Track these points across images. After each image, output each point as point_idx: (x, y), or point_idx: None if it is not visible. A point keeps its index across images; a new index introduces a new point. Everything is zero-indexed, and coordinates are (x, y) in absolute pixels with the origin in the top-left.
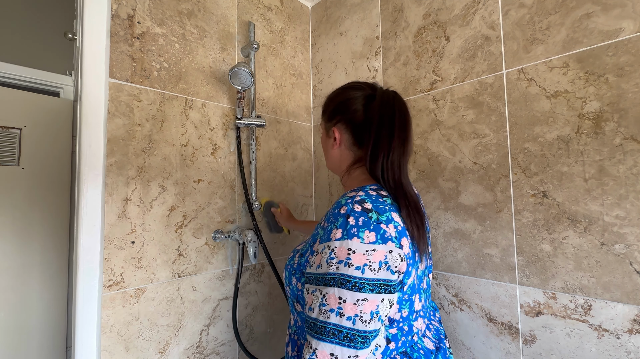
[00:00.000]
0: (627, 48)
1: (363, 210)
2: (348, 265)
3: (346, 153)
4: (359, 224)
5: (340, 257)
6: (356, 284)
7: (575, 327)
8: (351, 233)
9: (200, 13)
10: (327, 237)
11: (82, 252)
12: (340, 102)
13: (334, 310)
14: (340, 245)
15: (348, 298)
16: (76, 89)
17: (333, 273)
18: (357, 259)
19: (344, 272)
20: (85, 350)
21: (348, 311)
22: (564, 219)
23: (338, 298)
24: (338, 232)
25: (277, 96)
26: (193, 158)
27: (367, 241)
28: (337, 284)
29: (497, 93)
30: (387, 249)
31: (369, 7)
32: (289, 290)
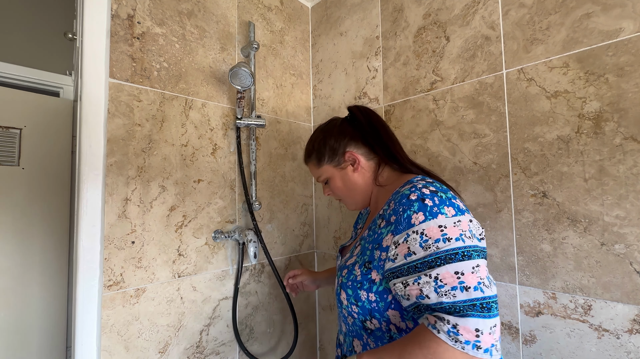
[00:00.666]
0: (627, 48)
1: (432, 192)
2: (447, 239)
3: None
4: (437, 203)
5: (434, 237)
6: (465, 253)
7: (575, 327)
8: (434, 212)
9: (200, 13)
10: (406, 225)
11: (82, 252)
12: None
13: (456, 287)
14: (428, 226)
15: (464, 269)
16: (76, 89)
17: (435, 253)
18: (451, 232)
19: (447, 247)
20: (85, 350)
21: (471, 282)
22: (564, 219)
23: (454, 273)
24: (420, 215)
25: (277, 96)
26: (193, 158)
27: (450, 214)
28: (445, 261)
29: (497, 93)
30: (467, 219)
31: (369, 7)
32: (356, 310)
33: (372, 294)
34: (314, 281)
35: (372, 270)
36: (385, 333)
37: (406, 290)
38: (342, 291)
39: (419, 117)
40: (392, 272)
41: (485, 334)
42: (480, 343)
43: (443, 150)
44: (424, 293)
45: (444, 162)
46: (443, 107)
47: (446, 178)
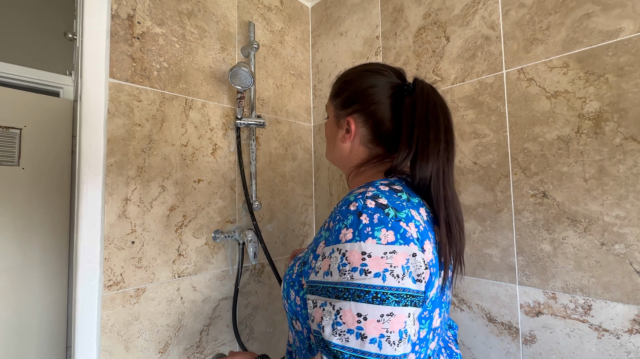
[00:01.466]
0: (627, 48)
1: (377, 206)
2: (364, 272)
3: (359, 149)
4: (374, 222)
5: (353, 263)
6: (377, 295)
7: (575, 327)
8: (364, 234)
9: (200, 13)
10: (335, 239)
11: (82, 252)
12: (360, 89)
13: (352, 331)
14: (352, 248)
15: (369, 314)
16: (76, 89)
17: (346, 282)
18: (374, 264)
19: (361, 281)
20: (85, 350)
21: (371, 331)
22: (564, 219)
23: (356, 314)
24: (348, 233)
25: (277, 96)
26: (193, 158)
27: (385, 241)
28: (353, 297)
29: (497, 93)
30: (409, 251)
31: (369, 7)
32: (286, 305)
33: (299, 298)
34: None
35: (303, 274)
36: (306, 339)
37: (312, 311)
38: (284, 281)
39: None
40: (311, 285)
41: None
42: None
43: None
44: (322, 322)
45: None
46: None
47: None
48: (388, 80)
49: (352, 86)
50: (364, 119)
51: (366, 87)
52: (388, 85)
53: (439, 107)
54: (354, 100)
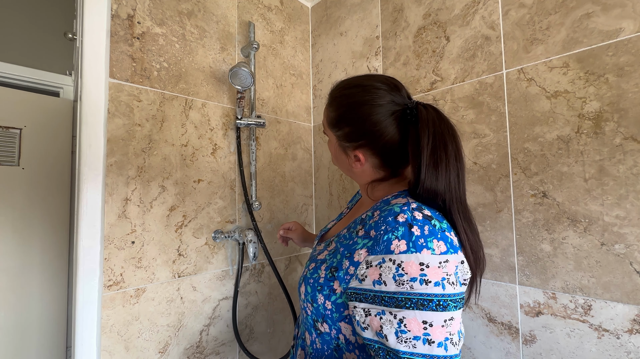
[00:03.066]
0: (627, 48)
1: (425, 218)
2: (425, 282)
3: (370, 171)
4: (425, 233)
5: (412, 274)
6: (440, 303)
7: (575, 327)
8: (419, 245)
9: (200, 13)
10: (385, 249)
11: (82, 252)
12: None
13: (419, 338)
14: (408, 259)
15: (435, 321)
16: (76, 89)
17: (408, 293)
18: (433, 274)
19: (424, 291)
20: (85, 350)
21: (437, 336)
22: (564, 219)
23: (422, 322)
24: (402, 244)
25: (277, 96)
26: (193, 158)
27: (439, 251)
28: (416, 306)
29: (497, 93)
30: (459, 259)
31: (369, 7)
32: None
33: (330, 302)
34: (304, 241)
35: (336, 279)
36: (333, 339)
37: (367, 319)
38: (304, 284)
39: None
40: (356, 293)
41: None
42: None
43: None
44: (383, 331)
45: None
46: (443, 107)
47: None
48: (390, 109)
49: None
50: (373, 152)
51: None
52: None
53: (447, 135)
54: (359, 137)
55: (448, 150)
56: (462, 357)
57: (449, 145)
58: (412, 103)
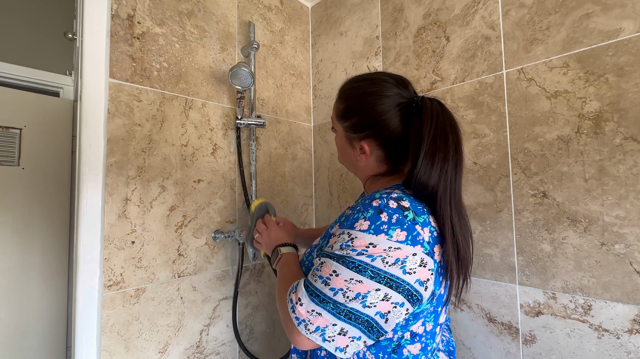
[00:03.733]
0: (627, 48)
1: (399, 207)
2: (361, 254)
3: (374, 165)
4: (392, 222)
5: (356, 247)
6: (359, 266)
7: (575, 327)
8: (380, 229)
9: (200, 13)
10: (350, 224)
11: (82, 252)
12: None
13: (322, 278)
14: (362, 237)
15: (342, 274)
16: (76, 89)
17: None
18: (373, 251)
19: (353, 256)
20: (85, 350)
21: (335, 284)
22: (564, 219)
23: (332, 271)
24: (364, 224)
25: (277, 96)
26: (193, 158)
27: (395, 239)
28: (338, 259)
29: (497, 93)
30: (411, 251)
31: (369, 7)
32: None
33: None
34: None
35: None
36: None
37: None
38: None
39: None
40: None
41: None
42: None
43: None
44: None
45: None
46: None
47: None
48: (396, 101)
49: (361, 112)
50: (378, 143)
51: (377, 114)
52: (397, 108)
53: (448, 127)
54: (366, 127)
55: (448, 141)
56: (462, 357)
57: (449, 136)
58: (418, 97)
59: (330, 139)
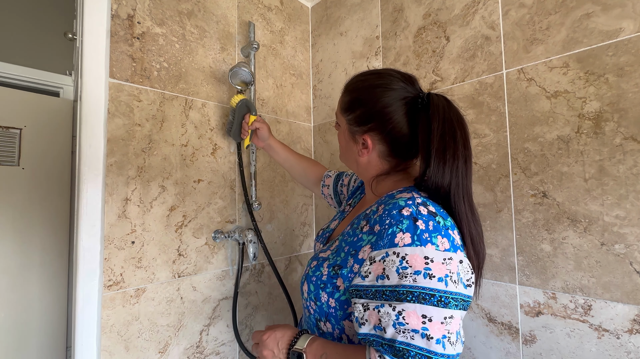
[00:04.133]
0: (627, 48)
1: (429, 213)
2: (429, 276)
3: (377, 161)
4: (430, 229)
5: (416, 267)
6: (442, 299)
7: (575, 327)
8: (424, 239)
9: (200, 13)
10: (389, 242)
11: (82, 252)
12: (375, 108)
13: (418, 331)
14: (413, 252)
15: (434, 316)
16: (76, 89)
17: (410, 285)
18: (437, 269)
19: (426, 285)
20: (85, 350)
21: (435, 332)
22: (564, 219)
23: (421, 316)
24: (406, 237)
25: (277, 96)
26: (193, 158)
27: (442, 248)
28: (417, 299)
29: (497, 93)
30: (458, 258)
31: (369, 7)
32: (314, 307)
33: (333, 300)
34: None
35: (339, 277)
36: (336, 339)
37: (365, 314)
38: (306, 283)
39: None
40: (357, 290)
41: None
42: None
43: None
44: (382, 324)
45: None
46: None
47: None
48: (401, 95)
49: (366, 104)
50: (381, 137)
51: (381, 106)
52: (402, 101)
53: (455, 123)
54: (369, 120)
55: (457, 137)
56: (462, 357)
57: (457, 132)
58: (424, 93)
59: (330, 139)
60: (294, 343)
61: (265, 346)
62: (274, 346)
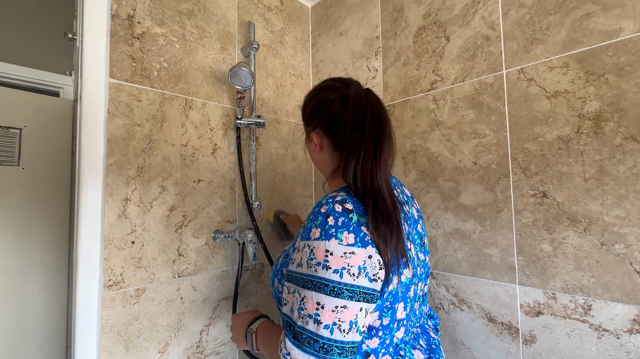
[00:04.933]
0: (627, 48)
1: (344, 210)
2: (326, 267)
3: (328, 158)
4: (338, 224)
5: (318, 259)
6: (334, 289)
7: (575, 327)
8: (329, 234)
9: (200, 13)
10: (307, 235)
11: (82, 252)
12: (316, 105)
13: (311, 316)
14: (318, 246)
15: (326, 304)
16: (76, 89)
17: (311, 275)
18: (334, 262)
19: (322, 275)
20: (85, 350)
21: (326, 319)
22: (564, 219)
23: (316, 303)
24: (317, 231)
25: (277, 96)
26: (193, 158)
27: (346, 242)
28: (314, 288)
29: (497, 93)
30: (366, 254)
31: (369, 7)
32: (273, 293)
33: (280, 285)
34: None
35: (285, 265)
36: None
37: (287, 297)
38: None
39: (419, 117)
40: (288, 274)
41: None
42: None
43: (443, 150)
44: (293, 307)
45: (444, 161)
46: (443, 107)
47: (446, 178)
48: (339, 94)
49: (310, 104)
50: (323, 131)
51: (320, 101)
52: (339, 97)
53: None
54: (314, 117)
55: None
56: (462, 357)
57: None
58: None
59: None
60: (250, 324)
61: (234, 326)
62: (239, 325)
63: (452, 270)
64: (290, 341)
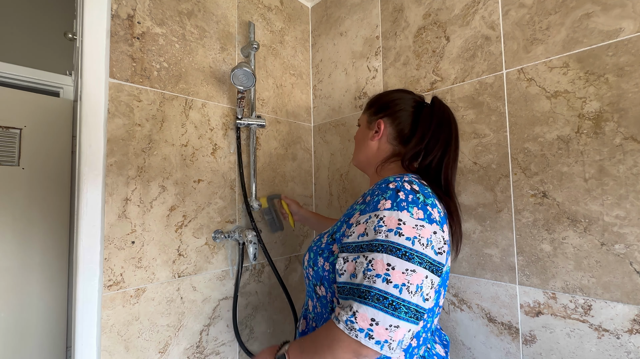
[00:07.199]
0: (627, 48)
1: (412, 190)
2: (399, 234)
3: (385, 146)
4: (409, 200)
5: (389, 226)
6: (406, 253)
7: (575, 327)
8: (401, 206)
9: (200, 13)
10: (373, 207)
11: (82, 252)
12: (390, 100)
13: (380, 276)
14: (390, 215)
15: (397, 266)
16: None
17: (382, 239)
18: (407, 230)
19: (395, 240)
20: (85, 350)
21: (396, 279)
22: (564, 219)
23: (387, 264)
24: (387, 203)
25: (277, 96)
26: (193, 158)
27: (416, 217)
28: (385, 250)
29: (497, 93)
30: (432, 229)
31: (369, 7)
32: (311, 273)
33: (328, 263)
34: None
35: (335, 243)
36: (329, 302)
37: (344, 266)
38: (307, 253)
39: None
40: (343, 247)
41: (380, 326)
42: (372, 332)
43: None
44: (355, 271)
45: None
46: None
47: None
48: (412, 97)
49: (383, 99)
50: (391, 121)
51: (394, 99)
52: (412, 100)
53: (451, 117)
54: (384, 108)
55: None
56: (462, 357)
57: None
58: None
59: (330, 139)
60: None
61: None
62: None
63: (452, 270)
64: (355, 299)
